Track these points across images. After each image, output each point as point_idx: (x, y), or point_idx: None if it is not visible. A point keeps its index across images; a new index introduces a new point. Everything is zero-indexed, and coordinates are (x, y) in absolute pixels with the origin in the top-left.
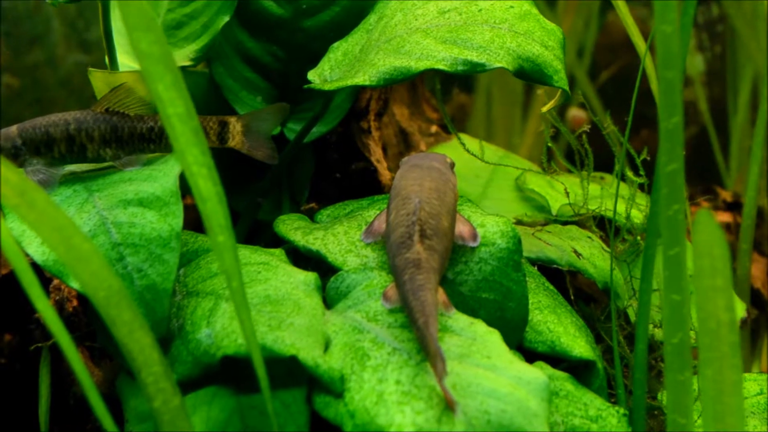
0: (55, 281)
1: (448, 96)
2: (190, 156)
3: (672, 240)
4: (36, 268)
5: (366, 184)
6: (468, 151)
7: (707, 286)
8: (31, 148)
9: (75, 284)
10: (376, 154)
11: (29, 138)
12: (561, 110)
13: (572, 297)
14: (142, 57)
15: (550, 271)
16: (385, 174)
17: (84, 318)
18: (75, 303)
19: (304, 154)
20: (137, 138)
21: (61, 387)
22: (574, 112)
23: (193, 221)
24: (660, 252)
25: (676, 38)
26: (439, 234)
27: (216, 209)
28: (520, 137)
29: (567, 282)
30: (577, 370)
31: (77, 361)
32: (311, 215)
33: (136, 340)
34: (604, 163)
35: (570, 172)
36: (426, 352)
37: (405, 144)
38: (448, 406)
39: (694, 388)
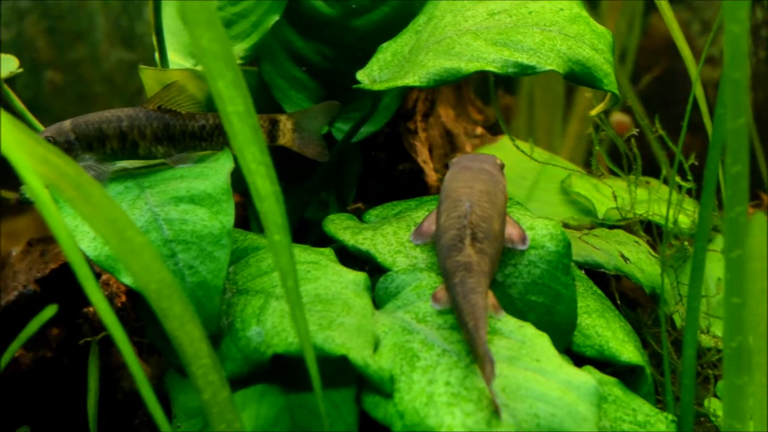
0: (104, 277)
1: (493, 97)
2: (249, 154)
3: (734, 242)
4: None
5: (412, 185)
6: (521, 150)
7: (759, 289)
8: (83, 144)
9: (127, 279)
10: (423, 154)
11: (82, 133)
12: (603, 113)
13: (618, 302)
14: (203, 54)
15: (594, 275)
16: (431, 175)
17: (132, 314)
18: (123, 299)
19: (351, 153)
20: (189, 136)
21: (108, 381)
22: (618, 117)
23: (241, 219)
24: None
25: (744, 38)
26: (490, 237)
27: (273, 208)
28: (561, 140)
29: (612, 286)
30: (623, 375)
31: (130, 353)
32: (358, 215)
33: (187, 332)
34: (648, 167)
35: (616, 175)
36: (475, 355)
37: (450, 145)
38: (495, 411)
39: None
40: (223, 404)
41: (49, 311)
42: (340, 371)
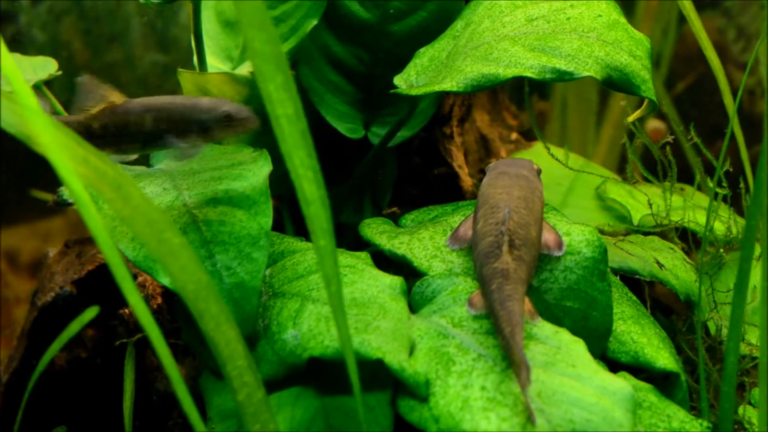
0: (140, 279)
1: (528, 103)
2: (297, 158)
3: None
4: None
5: (447, 190)
6: (555, 158)
7: None
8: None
9: (165, 280)
10: (458, 159)
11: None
12: (638, 120)
13: (649, 309)
14: (255, 55)
15: (628, 281)
16: (466, 180)
17: (167, 315)
18: (159, 300)
19: (387, 158)
20: None
21: (143, 383)
22: (654, 124)
23: (275, 223)
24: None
25: None
26: (528, 244)
27: (319, 213)
28: (594, 146)
29: (645, 293)
30: (657, 381)
31: (167, 355)
32: (393, 219)
33: (223, 333)
34: (682, 174)
35: (650, 182)
36: (511, 361)
37: (485, 150)
38: (529, 418)
39: None
40: (257, 405)
41: (90, 313)
42: (375, 375)
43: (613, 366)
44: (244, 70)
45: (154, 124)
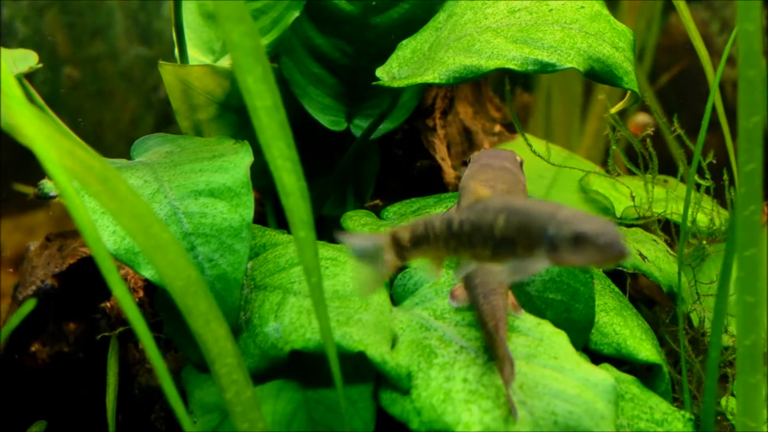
0: (121, 272)
1: (512, 95)
2: (276, 149)
3: (748, 241)
4: None
5: (430, 182)
6: (535, 153)
7: None
8: None
9: (147, 273)
10: (441, 152)
11: None
12: (622, 112)
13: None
14: (233, 48)
15: (610, 272)
16: (449, 172)
17: (149, 309)
18: (141, 294)
19: (369, 150)
20: None
21: (125, 377)
22: (642, 118)
23: (257, 215)
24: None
25: (758, 36)
26: None
27: (299, 204)
28: (578, 138)
29: (627, 284)
30: (640, 373)
31: (152, 347)
32: (376, 211)
33: (212, 330)
34: (666, 166)
35: (633, 174)
36: (494, 355)
37: (468, 142)
38: (511, 411)
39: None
40: (246, 403)
41: (29, 306)
42: (358, 368)
43: (596, 358)
44: (226, 62)
45: (504, 230)
